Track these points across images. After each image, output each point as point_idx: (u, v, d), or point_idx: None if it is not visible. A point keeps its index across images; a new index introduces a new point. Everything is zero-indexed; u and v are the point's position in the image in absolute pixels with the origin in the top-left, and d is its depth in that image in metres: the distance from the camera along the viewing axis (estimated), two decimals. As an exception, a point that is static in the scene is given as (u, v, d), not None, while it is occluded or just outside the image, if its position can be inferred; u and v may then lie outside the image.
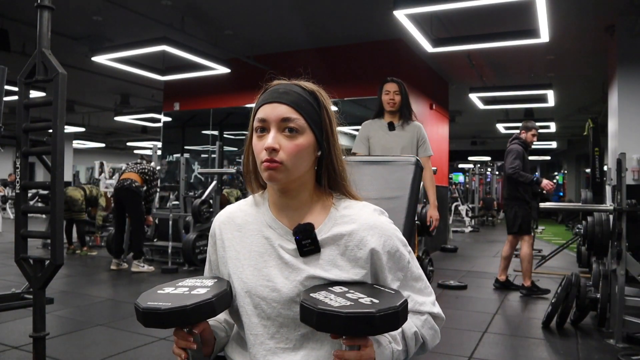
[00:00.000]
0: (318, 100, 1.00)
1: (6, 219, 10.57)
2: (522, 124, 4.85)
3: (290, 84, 1.01)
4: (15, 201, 2.16)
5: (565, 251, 6.53)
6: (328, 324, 0.81)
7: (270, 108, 0.96)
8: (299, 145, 0.94)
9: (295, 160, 0.94)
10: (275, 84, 1.02)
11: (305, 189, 1.01)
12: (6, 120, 2.05)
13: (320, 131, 0.98)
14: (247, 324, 1.00)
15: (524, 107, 9.58)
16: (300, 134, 0.95)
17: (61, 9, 2.89)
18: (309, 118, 0.96)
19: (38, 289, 1.98)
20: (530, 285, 4.49)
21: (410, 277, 1.03)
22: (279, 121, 0.94)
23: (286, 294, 0.96)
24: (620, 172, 3.16)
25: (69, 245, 6.68)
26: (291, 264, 0.98)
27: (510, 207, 4.57)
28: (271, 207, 1.04)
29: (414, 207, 1.45)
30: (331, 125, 1.00)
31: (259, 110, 0.98)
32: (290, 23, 6.02)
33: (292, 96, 0.97)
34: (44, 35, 1.98)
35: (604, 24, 5.56)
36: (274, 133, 0.94)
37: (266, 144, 0.93)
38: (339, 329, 0.81)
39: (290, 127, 0.94)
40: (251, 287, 0.99)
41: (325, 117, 1.00)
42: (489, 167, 15.72)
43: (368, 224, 0.99)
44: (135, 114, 10.73)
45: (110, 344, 2.91)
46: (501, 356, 2.92)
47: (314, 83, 1.05)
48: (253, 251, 1.01)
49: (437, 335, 1.07)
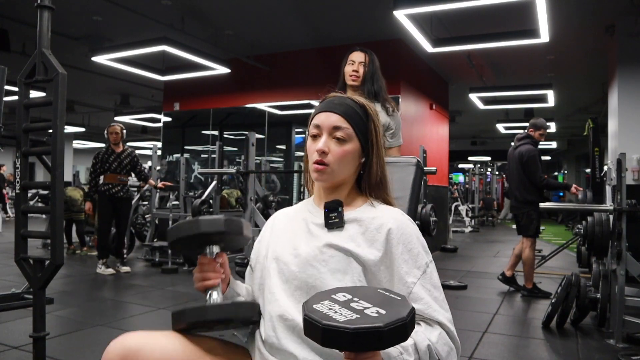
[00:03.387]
0: (367, 113, 1.13)
1: (6, 219, 10.56)
2: (531, 121, 4.67)
3: (344, 97, 1.14)
4: (15, 201, 2.16)
5: (565, 251, 6.53)
6: (334, 340, 0.78)
7: (325, 116, 1.10)
8: (345, 150, 1.08)
9: (341, 163, 1.09)
10: (331, 95, 1.15)
11: (346, 188, 1.14)
12: (6, 120, 2.05)
13: (366, 140, 1.12)
14: (269, 284, 1.10)
15: (524, 107, 9.58)
16: (348, 141, 1.09)
17: (61, 9, 2.89)
18: (356, 128, 1.10)
19: (38, 289, 1.98)
20: (531, 287, 4.47)
21: (429, 280, 1.05)
22: (331, 128, 1.09)
23: (304, 257, 1.07)
24: (620, 172, 3.16)
25: (69, 245, 6.68)
26: (315, 233, 1.11)
27: (525, 210, 4.46)
28: (315, 199, 1.19)
29: (414, 207, 1.45)
30: (376, 136, 1.13)
31: (315, 117, 1.12)
32: (290, 23, 6.02)
33: (344, 107, 1.10)
34: (44, 35, 1.97)
35: (604, 24, 5.56)
36: (325, 138, 1.09)
37: (317, 146, 1.08)
38: (346, 345, 0.79)
39: (340, 134, 1.08)
40: (279, 254, 1.11)
41: (372, 129, 1.13)
42: (489, 167, 15.72)
43: (392, 216, 1.09)
44: (135, 114, 10.74)
45: (110, 344, 2.91)
46: (501, 356, 2.92)
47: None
48: (291, 230, 1.16)
49: (453, 353, 1.02)
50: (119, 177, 5.25)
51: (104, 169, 5.22)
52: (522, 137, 4.64)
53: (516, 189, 4.55)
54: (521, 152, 4.49)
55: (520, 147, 4.55)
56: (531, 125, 4.64)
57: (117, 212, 5.33)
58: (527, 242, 4.47)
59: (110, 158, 5.25)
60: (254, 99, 7.38)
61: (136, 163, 5.45)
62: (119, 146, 5.36)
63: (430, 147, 6.72)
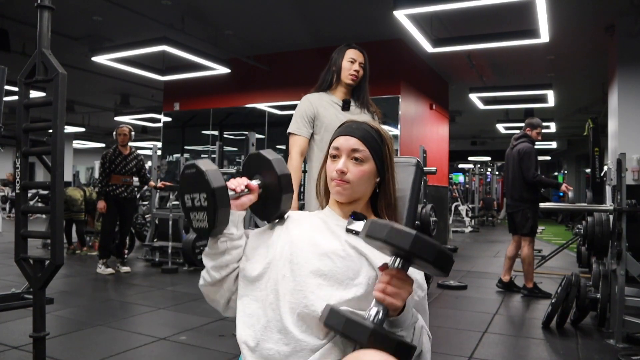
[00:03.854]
0: (382, 137, 1.23)
1: (6, 219, 10.56)
2: (527, 121, 4.74)
3: (361, 122, 1.24)
4: (15, 201, 2.16)
5: (565, 251, 6.53)
6: (422, 246, 0.88)
7: (344, 139, 1.20)
8: (363, 170, 1.18)
9: (359, 181, 1.18)
10: (349, 121, 1.26)
11: (361, 204, 1.23)
12: (6, 120, 2.05)
13: (381, 162, 1.21)
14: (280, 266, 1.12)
15: (524, 107, 9.57)
16: (365, 162, 1.19)
17: (61, 9, 2.89)
18: (372, 150, 1.19)
19: (38, 289, 1.98)
20: (532, 287, 4.45)
21: (422, 306, 1.16)
22: (349, 150, 1.18)
23: (322, 247, 1.11)
24: (620, 172, 3.16)
25: (68, 245, 6.68)
26: (336, 232, 1.17)
27: (520, 208, 4.47)
28: (331, 207, 1.26)
29: (414, 208, 1.45)
30: (390, 158, 1.23)
31: (335, 140, 1.22)
32: (290, 23, 6.02)
33: (361, 132, 1.20)
34: (44, 35, 1.97)
35: (604, 24, 5.56)
36: (345, 159, 1.18)
37: (338, 167, 1.17)
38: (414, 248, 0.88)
39: (357, 156, 1.18)
40: (295, 240, 1.14)
41: (386, 151, 1.22)
42: (489, 167, 15.71)
43: None
44: (135, 114, 10.73)
45: (110, 344, 2.91)
46: (501, 356, 2.92)
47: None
48: (308, 223, 1.21)
49: (429, 354, 1.11)
50: (123, 178, 5.29)
51: (110, 170, 5.26)
52: (519, 136, 4.68)
53: (512, 187, 4.58)
54: (519, 149, 4.53)
55: (517, 145, 4.58)
56: (527, 124, 4.68)
57: (122, 213, 5.37)
58: (525, 241, 4.47)
59: (117, 159, 5.29)
60: (254, 99, 7.37)
61: (142, 166, 5.52)
62: (127, 148, 5.42)
63: (430, 147, 6.72)
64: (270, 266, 1.12)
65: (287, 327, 1.04)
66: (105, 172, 5.25)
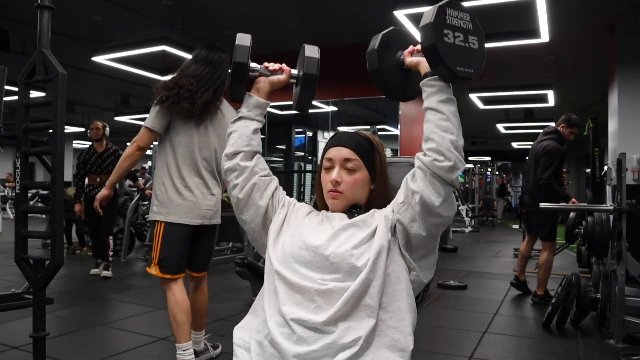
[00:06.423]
0: (372, 145, 1.28)
1: (6, 219, 10.56)
2: (564, 116, 4.24)
3: (352, 133, 1.29)
4: (15, 201, 2.16)
5: (565, 251, 6.53)
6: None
7: (336, 150, 1.25)
8: (356, 179, 1.24)
9: (353, 190, 1.24)
10: (340, 132, 1.30)
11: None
12: (6, 120, 2.05)
13: (373, 169, 1.26)
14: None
15: (524, 107, 9.58)
16: (357, 171, 1.24)
17: (61, 9, 2.88)
18: (364, 159, 1.25)
19: (38, 289, 1.98)
20: (542, 294, 4.15)
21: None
22: (342, 160, 1.24)
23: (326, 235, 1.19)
24: (620, 172, 3.16)
25: (68, 245, 6.68)
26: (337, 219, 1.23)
27: (535, 209, 3.96)
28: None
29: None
30: (382, 165, 1.28)
31: (327, 152, 1.27)
32: (290, 23, 6.02)
33: (352, 142, 1.25)
34: (44, 35, 1.97)
35: (604, 24, 5.56)
36: (338, 169, 1.24)
37: (331, 177, 1.23)
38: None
39: (349, 166, 1.23)
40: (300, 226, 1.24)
41: (377, 159, 1.28)
42: (489, 167, 15.70)
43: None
44: (135, 114, 10.73)
45: (110, 344, 2.91)
46: (501, 356, 2.92)
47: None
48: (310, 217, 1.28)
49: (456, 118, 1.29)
50: (99, 178, 4.97)
51: (85, 170, 5.04)
52: (549, 131, 4.25)
53: (532, 184, 4.21)
54: (544, 145, 4.10)
55: (544, 141, 4.17)
56: (564, 120, 4.23)
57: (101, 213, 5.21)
58: (544, 246, 4.18)
59: (91, 159, 5.04)
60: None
61: None
62: (101, 145, 5.11)
63: (430, 147, 6.70)
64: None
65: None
66: (79, 174, 5.06)
